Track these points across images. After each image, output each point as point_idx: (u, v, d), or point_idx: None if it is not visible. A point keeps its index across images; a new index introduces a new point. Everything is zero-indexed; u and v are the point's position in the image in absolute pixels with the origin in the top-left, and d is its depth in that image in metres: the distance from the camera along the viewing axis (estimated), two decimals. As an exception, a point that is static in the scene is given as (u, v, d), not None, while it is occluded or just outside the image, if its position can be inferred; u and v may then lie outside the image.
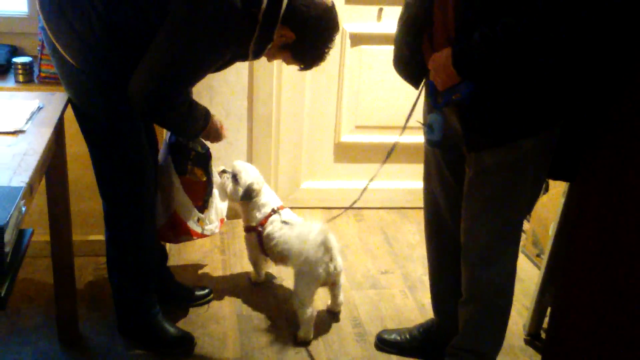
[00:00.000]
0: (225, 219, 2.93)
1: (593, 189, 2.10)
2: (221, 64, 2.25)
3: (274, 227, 2.86)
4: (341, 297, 2.88)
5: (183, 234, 2.63)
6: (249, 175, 2.89)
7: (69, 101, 2.30)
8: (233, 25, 2.08)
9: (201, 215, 2.60)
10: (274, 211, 2.90)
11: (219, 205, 2.70)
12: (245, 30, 2.13)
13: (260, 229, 2.88)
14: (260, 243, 2.91)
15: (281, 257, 2.86)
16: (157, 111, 2.18)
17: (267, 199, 2.92)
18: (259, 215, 2.90)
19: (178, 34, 2.07)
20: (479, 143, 2.05)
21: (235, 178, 2.87)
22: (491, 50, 1.86)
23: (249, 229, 2.94)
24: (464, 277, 2.26)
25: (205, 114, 2.36)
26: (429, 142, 2.16)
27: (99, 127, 2.28)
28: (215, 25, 2.05)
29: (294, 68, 2.42)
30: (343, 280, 2.87)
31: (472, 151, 2.07)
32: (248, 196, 2.86)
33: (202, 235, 2.67)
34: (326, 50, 2.32)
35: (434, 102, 2.11)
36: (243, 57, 2.29)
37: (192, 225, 2.58)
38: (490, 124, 2.00)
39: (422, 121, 2.24)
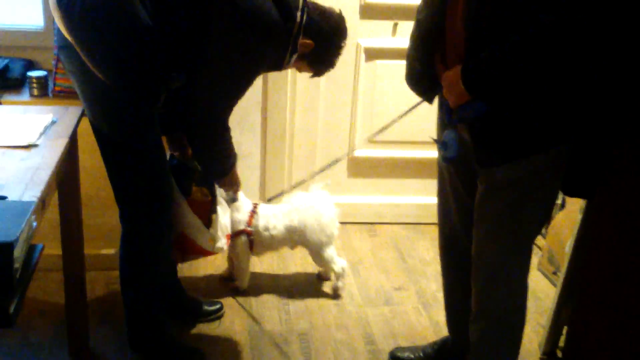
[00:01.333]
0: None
1: (611, 205, 2.07)
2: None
3: (267, 218, 2.95)
4: None
5: (192, 253, 2.61)
6: None
7: (82, 116, 2.29)
8: (276, 41, 2.23)
9: (212, 234, 2.59)
10: (255, 206, 2.97)
11: (222, 221, 2.68)
12: (283, 44, 2.26)
13: (249, 228, 2.91)
14: (251, 243, 2.93)
15: (282, 243, 3.02)
16: (215, 134, 2.32)
17: (243, 198, 2.95)
18: (241, 216, 2.91)
19: (232, 56, 2.18)
20: (489, 159, 2.02)
21: None
22: (500, 68, 1.84)
23: (236, 234, 2.91)
24: (474, 294, 2.23)
25: (235, 156, 2.45)
26: (444, 158, 2.15)
27: (124, 149, 2.26)
28: (263, 42, 2.19)
29: (307, 81, 2.49)
30: None
31: (483, 167, 2.05)
32: (233, 199, 2.87)
33: (212, 253, 2.65)
34: (339, 56, 2.48)
35: (448, 119, 2.09)
36: (275, 69, 2.41)
37: (203, 244, 2.56)
38: (500, 140, 1.98)
39: (435, 137, 2.22)
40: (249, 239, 2.94)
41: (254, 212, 2.94)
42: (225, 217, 2.69)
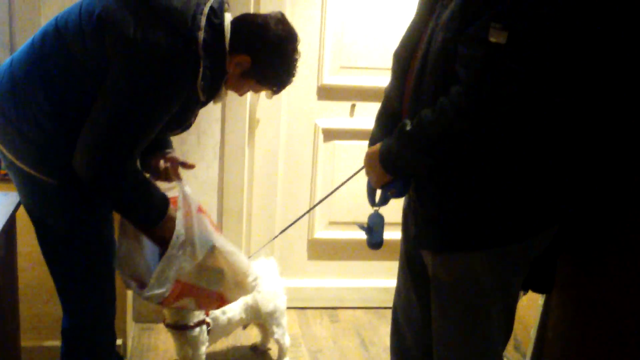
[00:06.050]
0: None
1: (569, 297, 2.01)
2: (174, 114, 2.04)
3: None
4: None
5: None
6: None
7: (19, 207, 2.17)
8: (176, 70, 1.94)
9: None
10: None
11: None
12: (189, 71, 1.98)
13: (207, 319, 2.72)
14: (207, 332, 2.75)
15: (237, 324, 2.89)
16: (109, 182, 1.98)
17: None
18: None
19: (120, 91, 1.91)
20: (423, 242, 1.91)
21: None
22: (404, 145, 1.75)
23: (198, 324, 2.69)
24: None
25: (163, 199, 2.15)
26: (369, 244, 2.03)
27: (65, 242, 2.12)
28: (158, 74, 1.92)
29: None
30: None
31: (420, 248, 1.94)
32: None
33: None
34: (292, 63, 2.14)
35: (372, 202, 2.01)
36: (195, 101, 2.10)
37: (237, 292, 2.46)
38: (432, 227, 1.85)
39: (361, 223, 2.10)
40: (207, 329, 2.73)
41: None
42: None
